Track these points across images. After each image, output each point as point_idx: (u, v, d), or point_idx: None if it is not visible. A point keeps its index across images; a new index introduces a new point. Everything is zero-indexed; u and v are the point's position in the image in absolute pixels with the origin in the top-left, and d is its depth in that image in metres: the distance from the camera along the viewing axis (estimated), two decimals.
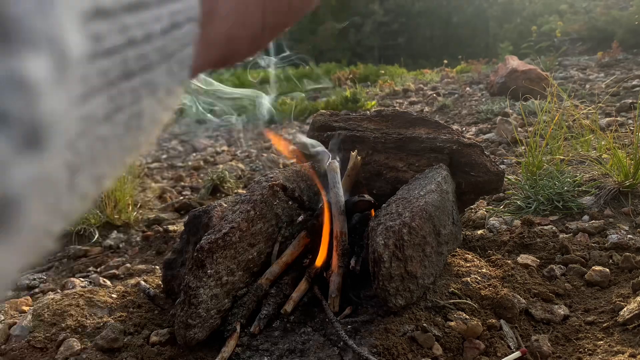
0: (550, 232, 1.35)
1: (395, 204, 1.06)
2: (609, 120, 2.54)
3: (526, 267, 1.18)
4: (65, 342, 1.03)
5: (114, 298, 1.24)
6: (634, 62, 4.61)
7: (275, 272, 1.08)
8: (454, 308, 0.99)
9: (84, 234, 1.85)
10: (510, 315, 0.99)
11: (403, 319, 0.95)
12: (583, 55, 5.83)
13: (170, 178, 2.97)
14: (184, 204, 2.25)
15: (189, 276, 0.98)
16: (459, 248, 1.22)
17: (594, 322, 1.00)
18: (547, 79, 3.15)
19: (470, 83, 5.24)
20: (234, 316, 1.00)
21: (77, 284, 1.44)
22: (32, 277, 1.56)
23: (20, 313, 1.25)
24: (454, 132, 1.36)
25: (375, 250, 0.94)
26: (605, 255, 1.22)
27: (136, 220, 2.02)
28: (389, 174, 1.34)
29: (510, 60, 4.03)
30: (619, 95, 3.24)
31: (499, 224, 1.51)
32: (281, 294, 1.05)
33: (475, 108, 3.80)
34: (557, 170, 1.66)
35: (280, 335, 0.98)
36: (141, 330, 1.10)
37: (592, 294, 1.10)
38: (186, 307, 0.97)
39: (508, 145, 2.57)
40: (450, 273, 1.10)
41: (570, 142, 2.05)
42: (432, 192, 1.08)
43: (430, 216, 1.03)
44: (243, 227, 1.05)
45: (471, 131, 3.10)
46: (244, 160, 3.31)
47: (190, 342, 0.97)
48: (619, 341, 0.92)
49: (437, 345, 0.90)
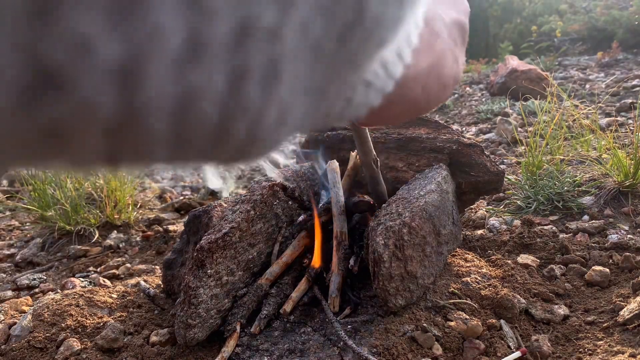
0: (550, 232, 1.35)
1: (395, 204, 1.06)
2: (609, 120, 2.54)
3: (526, 267, 1.18)
4: (65, 342, 1.03)
5: (114, 298, 1.24)
6: (634, 62, 4.61)
7: (275, 272, 1.08)
8: (454, 308, 0.99)
9: (84, 234, 1.85)
10: (510, 315, 0.99)
11: (403, 319, 0.95)
12: (583, 55, 5.82)
13: (170, 178, 2.97)
14: (184, 204, 2.25)
15: (189, 276, 0.98)
16: (459, 248, 1.22)
17: (594, 322, 1.00)
18: (547, 79, 3.14)
19: (470, 83, 5.24)
20: (234, 316, 1.00)
21: (77, 284, 1.44)
22: (32, 277, 1.56)
23: (20, 313, 1.25)
24: (454, 132, 1.36)
25: (375, 250, 0.94)
26: (605, 255, 1.22)
27: (136, 220, 2.02)
28: (389, 174, 1.34)
29: (510, 60, 4.03)
30: (619, 95, 3.24)
31: (499, 224, 1.51)
32: (281, 294, 1.05)
33: (475, 108, 3.80)
34: (557, 170, 1.66)
35: (280, 335, 0.98)
36: (141, 330, 1.10)
37: (592, 294, 1.10)
38: (186, 307, 0.97)
39: (508, 145, 2.57)
40: (450, 273, 1.10)
41: (570, 142, 2.05)
42: (432, 192, 1.08)
43: (430, 216, 1.03)
44: (243, 227, 1.05)
45: (471, 131, 3.10)
46: None
47: (190, 342, 0.97)
48: (619, 341, 0.92)
49: (437, 345, 0.90)
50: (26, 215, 2.12)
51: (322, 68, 0.14)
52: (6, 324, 1.15)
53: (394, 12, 0.16)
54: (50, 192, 1.87)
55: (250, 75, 0.12)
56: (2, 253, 1.83)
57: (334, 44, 0.14)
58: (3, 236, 2.07)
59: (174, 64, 0.10)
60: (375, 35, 0.15)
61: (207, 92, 0.11)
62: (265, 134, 0.14)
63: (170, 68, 0.10)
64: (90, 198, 2.00)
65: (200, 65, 0.11)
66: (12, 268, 1.71)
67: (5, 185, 2.78)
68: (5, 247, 1.90)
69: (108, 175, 1.99)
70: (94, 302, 1.19)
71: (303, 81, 0.14)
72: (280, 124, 0.14)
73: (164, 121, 0.11)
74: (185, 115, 0.11)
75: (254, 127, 0.13)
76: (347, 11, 0.13)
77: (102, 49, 0.10)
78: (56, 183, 1.91)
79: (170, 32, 0.10)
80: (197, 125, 0.12)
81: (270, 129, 0.14)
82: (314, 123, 0.18)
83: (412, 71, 0.26)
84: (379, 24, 0.15)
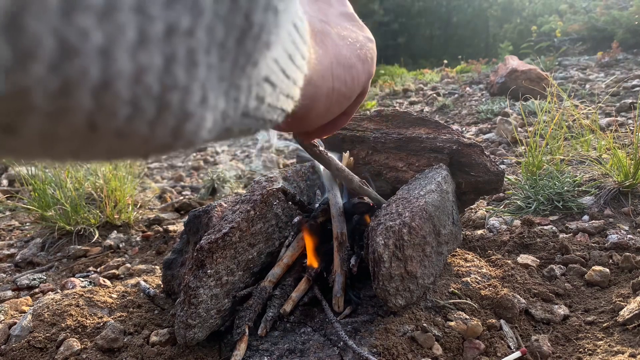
0: (550, 232, 1.35)
1: (395, 203, 1.06)
2: (609, 120, 2.54)
3: (526, 267, 1.18)
4: (65, 342, 1.03)
5: (114, 298, 1.24)
6: (634, 62, 4.61)
7: (277, 274, 1.08)
8: (454, 308, 0.99)
9: (84, 234, 1.85)
10: (510, 315, 0.99)
11: (403, 319, 0.95)
12: (583, 55, 5.82)
13: (170, 178, 2.98)
14: (184, 204, 2.25)
15: (189, 276, 0.98)
16: (459, 248, 1.22)
17: (594, 322, 1.00)
18: (547, 79, 3.14)
19: (470, 83, 5.24)
20: (242, 319, 0.99)
21: (77, 284, 1.44)
22: (32, 277, 1.56)
23: (20, 313, 1.25)
24: (454, 132, 1.36)
25: (375, 250, 0.94)
26: (605, 255, 1.22)
27: (136, 220, 2.02)
28: (389, 174, 1.34)
29: (510, 60, 4.03)
30: (619, 95, 3.24)
31: (499, 224, 1.51)
32: (285, 295, 1.05)
33: (475, 108, 3.80)
34: (557, 170, 1.66)
35: (280, 336, 0.98)
36: (141, 330, 1.10)
37: (592, 294, 1.10)
38: (186, 307, 0.96)
39: (508, 145, 2.57)
40: (450, 273, 1.10)
41: (570, 142, 2.05)
42: (432, 192, 1.08)
43: (430, 216, 1.03)
44: (243, 227, 1.05)
45: (471, 131, 3.10)
46: (244, 160, 3.30)
47: (190, 342, 0.97)
48: (619, 341, 0.92)
49: (437, 345, 0.90)
50: (26, 215, 2.12)
51: (229, 61, 0.19)
52: (6, 324, 1.15)
53: (272, 19, 0.21)
54: (50, 192, 1.87)
55: (176, 60, 0.16)
56: (2, 253, 1.83)
57: (234, 43, 0.19)
58: (3, 236, 2.07)
59: (131, 48, 0.15)
60: (262, 37, 0.21)
61: (150, 69, 0.16)
62: (194, 108, 0.18)
63: (128, 50, 0.15)
64: (90, 198, 2.00)
65: (146, 50, 0.15)
66: (12, 268, 1.71)
67: (5, 185, 2.79)
68: (5, 247, 1.90)
69: (108, 175, 1.99)
70: (94, 302, 1.19)
71: (216, 70, 0.19)
72: (204, 102, 0.19)
73: (126, 88, 0.15)
74: (138, 84, 0.16)
75: (184, 100, 0.18)
76: (240, 19, 0.19)
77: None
78: (56, 183, 1.91)
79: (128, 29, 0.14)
80: (146, 93, 0.16)
81: (197, 105, 0.18)
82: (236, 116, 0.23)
83: (314, 65, 0.33)
84: (262, 28, 0.20)
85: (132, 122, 0.17)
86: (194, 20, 0.16)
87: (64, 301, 1.15)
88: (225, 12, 0.18)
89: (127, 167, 2.14)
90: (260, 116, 0.26)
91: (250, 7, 0.19)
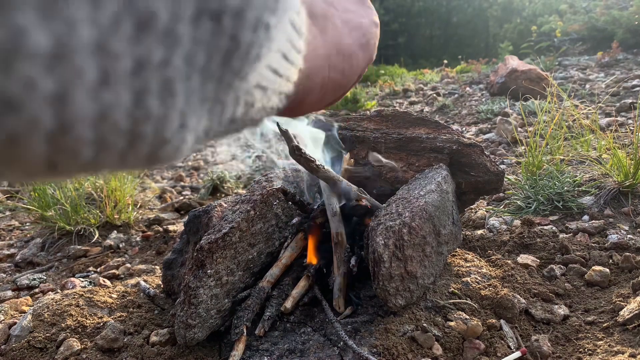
0: (550, 232, 1.35)
1: (395, 204, 1.06)
2: (609, 120, 2.54)
3: (526, 267, 1.18)
4: (65, 342, 1.03)
5: (114, 298, 1.24)
6: (634, 62, 4.61)
7: (275, 274, 1.08)
8: (454, 308, 0.99)
9: (84, 234, 1.85)
10: (510, 315, 0.99)
11: (403, 319, 0.95)
12: (583, 55, 5.82)
13: (170, 178, 2.97)
14: (184, 204, 2.25)
15: (189, 276, 0.98)
16: (459, 248, 1.22)
17: (594, 322, 1.00)
18: (547, 79, 3.15)
19: (470, 83, 5.24)
20: (240, 319, 0.99)
21: (77, 284, 1.44)
22: (32, 277, 1.56)
23: (20, 313, 1.25)
24: (454, 132, 1.36)
25: (375, 250, 0.94)
26: (605, 255, 1.22)
27: (136, 220, 2.02)
28: (389, 174, 1.34)
29: (510, 60, 4.03)
30: (619, 95, 3.24)
31: (499, 224, 1.51)
32: (283, 295, 1.05)
33: (475, 108, 3.80)
34: (557, 170, 1.66)
35: (280, 336, 0.98)
36: (141, 330, 1.10)
37: (592, 294, 1.10)
38: (186, 307, 0.96)
39: (508, 145, 2.57)
40: (450, 273, 1.10)
41: (570, 142, 2.05)
42: (432, 192, 1.08)
43: (430, 216, 1.03)
44: (243, 227, 1.05)
45: (471, 131, 3.10)
46: (244, 160, 3.30)
47: (190, 342, 0.97)
48: (619, 341, 0.92)
49: (437, 345, 0.90)
50: (26, 215, 2.12)
51: (212, 83, 0.18)
52: (6, 324, 1.15)
53: (263, 35, 0.20)
54: (50, 192, 1.87)
55: (149, 92, 0.16)
56: (2, 253, 1.83)
57: (219, 65, 0.18)
58: (3, 236, 2.07)
59: (92, 89, 0.14)
60: (251, 53, 0.20)
61: (117, 106, 0.15)
62: (171, 135, 0.18)
63: (89, 92, 0.14)
64: (90, 198, 2.00)
65: (111, 89, 0.14)
66: (12, 268, 1.71)
67: (5, 185, 2.78)
68: (5, 247, 1.90)
69: (108, 175, 1.99)
70: (94, 302, 1.19)
71: (198, 94, 0.18)
72: (183, 127, 0.18)
73: (88, 129, 0.14)
74: (104, 123, 0.15)
75: (160, 129, 0.17)
76: (224, 41, 0.18)
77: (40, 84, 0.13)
78: (56, 183, 1.91)
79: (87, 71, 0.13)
80: (114, 130, 0.15)
81: (175, 131, 0.18)
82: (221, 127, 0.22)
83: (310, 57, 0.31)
84: (251, 46, 0.19)
85: (99, 157, 0.16)
86: (168, 51, 0.15)
87: (64, 301, 1.15)
88: (207, 38, 0.17)
89: None
90: (248, 118, 0.25)
91: (237, 28, 0.18)
